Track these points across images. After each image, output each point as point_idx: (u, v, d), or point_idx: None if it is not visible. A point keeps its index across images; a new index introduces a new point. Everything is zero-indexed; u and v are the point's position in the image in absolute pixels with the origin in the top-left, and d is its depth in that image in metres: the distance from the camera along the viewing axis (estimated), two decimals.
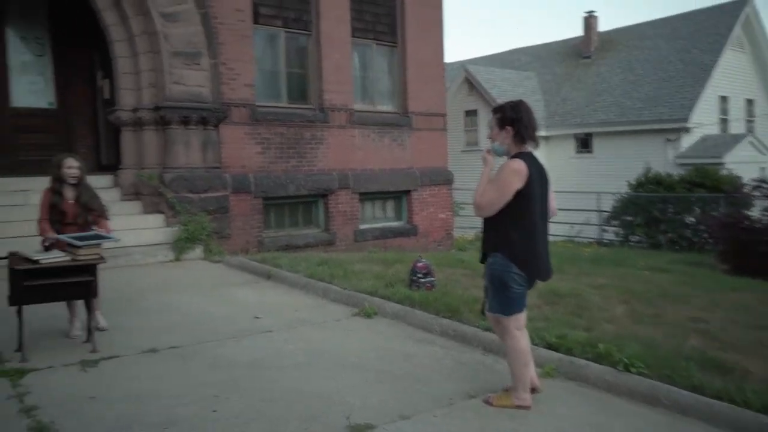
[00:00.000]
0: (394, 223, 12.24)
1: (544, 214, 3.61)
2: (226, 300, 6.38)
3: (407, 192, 12.23)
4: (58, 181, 4.87)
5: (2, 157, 11.00)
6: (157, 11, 9.03)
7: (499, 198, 3.45)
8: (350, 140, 11.28)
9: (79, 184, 4.97)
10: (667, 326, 5.38)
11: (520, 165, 3.44)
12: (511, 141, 3.56)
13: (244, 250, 9.58)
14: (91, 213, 5.02)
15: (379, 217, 12.12)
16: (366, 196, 11.68)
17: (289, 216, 10.83)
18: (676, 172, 18.25)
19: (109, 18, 9.24)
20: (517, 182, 3.42)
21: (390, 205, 12.29)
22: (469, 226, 19.86)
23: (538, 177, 3.52)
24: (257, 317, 5.68)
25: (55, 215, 4.83)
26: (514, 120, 3.52)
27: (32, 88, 11.33)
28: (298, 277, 7.23)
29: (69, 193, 4.94)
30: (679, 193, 16.51)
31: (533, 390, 3.73)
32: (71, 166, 4.90)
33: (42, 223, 4.86)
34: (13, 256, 4.51)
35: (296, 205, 10.88)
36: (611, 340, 4.54)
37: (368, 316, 5.77)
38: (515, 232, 3.48)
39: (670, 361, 4.13)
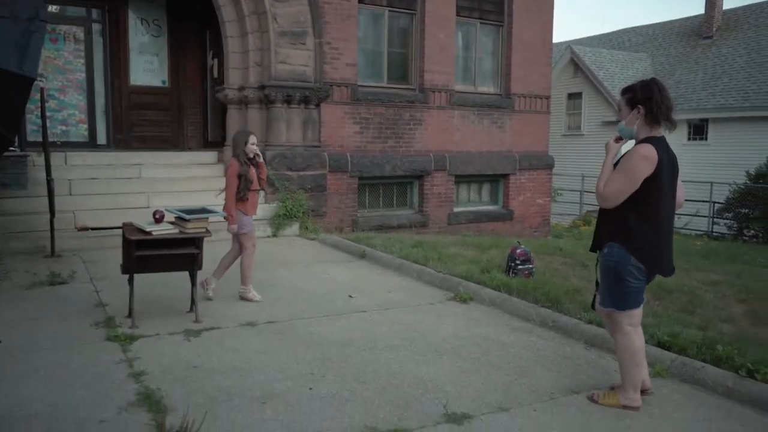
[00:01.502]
0: (489, 207, 11.98)
1: (671, 205, 3.31)
2: (321, 278, 6.45)
3: (504, 176, 11.91)
4: (243, 154, 5.35)
5: (119, 132, 11.73)
6: None
7: (627, 187, 3.19)
8: (449, 121, 11.09)
9: (254, 156, 5.49)
10: None
11: (649, 150, 3.16)
12: (642, 122, 3.27)
13: (338, 229, 9.69)
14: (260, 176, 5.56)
15: (474, 201, 11.89)
16: (462, 179, 11.48)
17: (383, 196, 10.84)
18: None
19: None
20: (647, 169, 3.15)
21: (486, 188, 12.02)
22: (567, 213, 19.19)
23: (668, 165, 3.22)
24: (351, 296, 5.70)
25: (243, 183, 5.31)
26: (646, 99, 3.23)
27: (148, 68, 11.96)
28: (391, 258, 7.20)
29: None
30: None
31: (644, 391, 3.48)
32: (254, 142, 5.44)
33: (230, 201, 5.29)
34: (126, 227, 4.74)
35: (391, 185, 10.86)
36: (730, 342, 4.19)
37: (463, 301, 5.64)
38: (637, 221, 3.22)
39: None
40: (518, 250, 6.42)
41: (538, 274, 6.35)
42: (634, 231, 3.24)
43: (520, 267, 6.31)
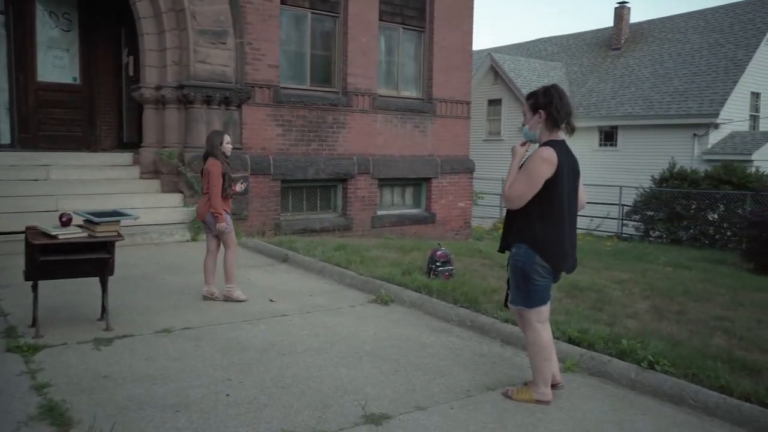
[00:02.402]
0: (412, 211, 12.13)
1: (573, 206, 3.47)
2: (241, 282, 6.31)
3: (427, 179, 12.10)
4: (222, 154, 5.46)
5: (25, 131, 11.07)
6: None
7: (529, 188, 3.33)
8: (372, 125, 11.16)
9: (227, 158, 5.57)
10: (690, 324, 5.26)
11: (549, 153, 3.31)
12: (543, 126, 3.43)
13: (260, 233, 9.55)
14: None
15: (398, 204, 12.02)
16: (385, 182, 11.58)
17: (306, 199, 10.77)
18: (703, 168, 17.92)
19: None
20: (547, 171, 3.29)
21: (409, 191, 12.18)
22: (488, 216, 19.72)
23: (568, 167, 3.38)
24: (272, 300, 5.63)
25: (226, 182, 5.41)
26: (546, 104, 3.38)
27: (57, 63, 11.37)
28: (314, 262, 7.17)
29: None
30: (704, 189, 16.22)
31: (555, 385, 3.62)
32: (229, 141, 5.56)
33: (217, 198, 5.36)
34: (30, 230, 4.48)
35: (314, 188, 10.81)
36: (634, 336, 4.43)
37: (384, 303, 5.69)
38: (541, 222, 3.36)
39: (696, 359, 4.01)
40: (438, 252, 6.53)
41: (458, 276, 6.48)
42: (538, 232, 3.37)
43: (440, 269, 6.42)
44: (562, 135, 3.44)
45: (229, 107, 9.42)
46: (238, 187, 5.70)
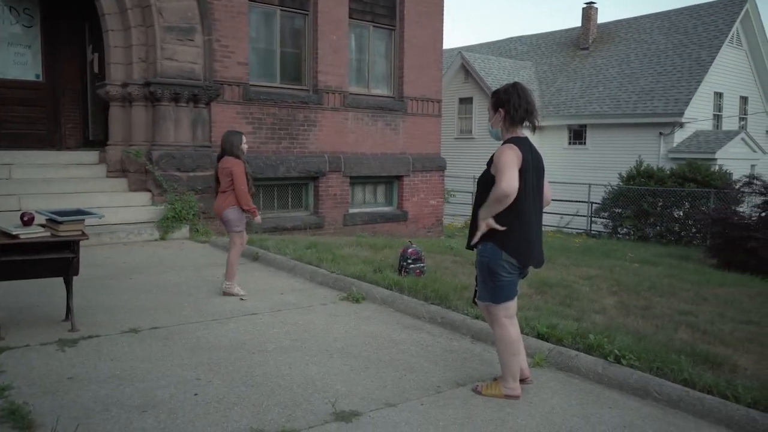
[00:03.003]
0: (384, 208, 12.15)
1: (538, 203, 3.50)
2: (210, 281, 6.26)
3: (398, 177, 12.13)
4: (243, 153, 5.58)
5: None
6: None
7: (513, 173, 3.25)
8: (343, 123, 11.14)
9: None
10: (656, 319, 5.37)
11: (511, 147, 3.34)
12: (503, 124, 3.46)
13: None
14: None
15: (369, 202, 12.02)
16: (357, 180, 11.57)
17: (278, 198, 10.71)
18: (668, 166, 18.30)
19: None
20: (515, 157, 3.31)
21: (380, 189, 12.19)
22: (459, 213, 19.84)
23: (532, 164, 3.40)
24: (242, 299, 5.58)
25: (249, 180, 5.54)
26: (506, 102, 3.41)
27: (19, 60, 11.09)
28: (285, 260, 7.12)
29: None
30: (670, 187, 16.56)
31: (524, 380, 3.66)
32: (246, 142, 5.68)
33: (247, 195, 5.52)
34: None
35: (285, 186, 10.75)
36: (601, 331, 4.50)
37: (356, 300, 5.68)
38: (507, 219, 3.37)
39: (660, 353, 4.09)
40: (410, 250, 6.55)
41: (429, 273, 6.51)
42: (504, 228, 3.38)
43: (411, 266, 6.44)
44: (524, 132, 3.47)
45: (198, 105, 9.30)
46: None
